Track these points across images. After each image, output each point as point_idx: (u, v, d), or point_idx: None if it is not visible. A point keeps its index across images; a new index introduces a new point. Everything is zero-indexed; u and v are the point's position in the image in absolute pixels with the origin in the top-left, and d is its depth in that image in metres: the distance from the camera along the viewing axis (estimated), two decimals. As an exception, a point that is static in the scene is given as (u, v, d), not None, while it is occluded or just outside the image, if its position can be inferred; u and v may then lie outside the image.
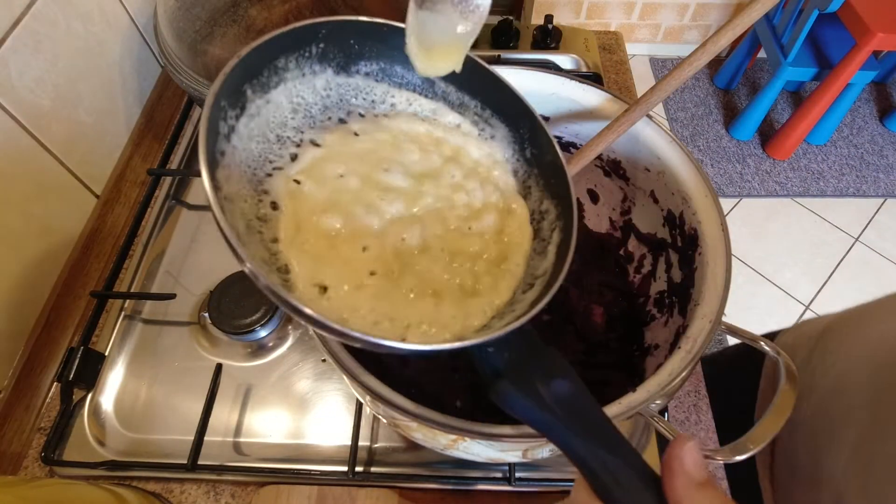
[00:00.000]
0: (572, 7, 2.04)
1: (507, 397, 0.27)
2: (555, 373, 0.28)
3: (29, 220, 0.54)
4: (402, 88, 0.35)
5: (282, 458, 0.48)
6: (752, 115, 1.85)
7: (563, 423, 0.26)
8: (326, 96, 0.33)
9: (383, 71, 0.34)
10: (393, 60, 0.34)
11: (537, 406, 0.27)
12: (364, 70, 0.34)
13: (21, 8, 0.51)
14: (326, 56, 0.32)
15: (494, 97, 0.36)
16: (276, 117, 0.31)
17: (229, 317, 0.52)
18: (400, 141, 0.34)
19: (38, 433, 0.50)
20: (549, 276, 0.32)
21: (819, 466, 0.41)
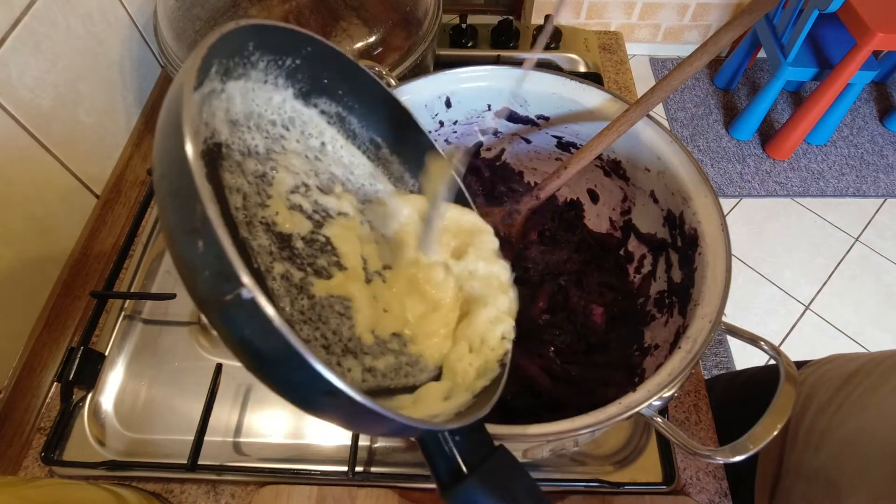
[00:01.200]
0: (572, 7, 2.04)
1: (474, 497, 0.25)
2: (518, 469, 0.27)
3: (29, 220, 0.54)
4: (348, 140, 0.35)
5: (282, 458, 0.48)
6: (752, 115, 1.85)
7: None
8: (277, 113, 0.31)
9: (339, 116, 0.34)
10: (352, 111, 0.34)
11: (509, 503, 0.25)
12: (322, 107, 0.33)
13: (21, 8, 0.51)
14: (295, 75, 0.31)
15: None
16: (219, 109, 0.28)
17: (229, 317, 0.52)
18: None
19: (38, 433, 0.50)
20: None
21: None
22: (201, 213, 0.17)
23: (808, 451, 0.45)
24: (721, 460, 0.32)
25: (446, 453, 0.26)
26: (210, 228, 0.17)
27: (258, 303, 0.17)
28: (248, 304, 0.17)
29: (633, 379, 0.44)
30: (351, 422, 0.22)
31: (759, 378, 0.59)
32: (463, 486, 0.25)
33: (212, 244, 0.17)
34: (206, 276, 0.18)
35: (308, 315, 0.28)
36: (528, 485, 0.26)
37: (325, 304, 0.29)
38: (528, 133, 0.51)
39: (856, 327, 1.52)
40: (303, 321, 0.28)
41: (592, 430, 0.31)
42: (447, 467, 0.26)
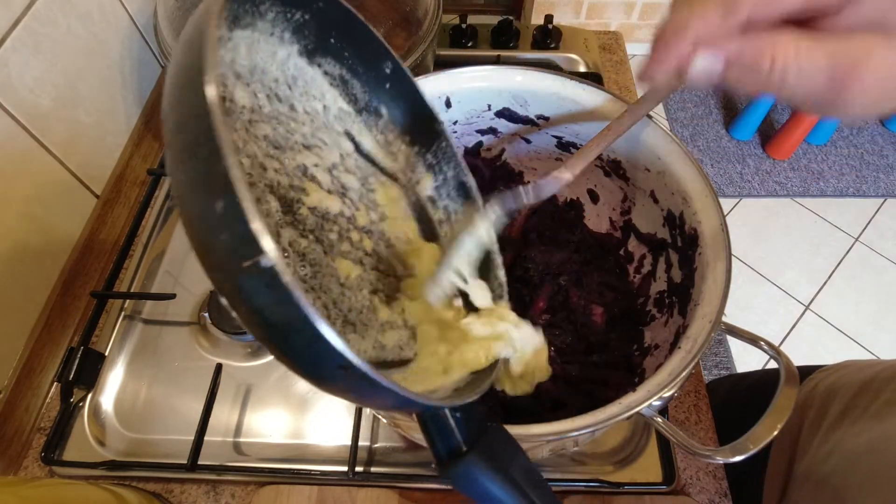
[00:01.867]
0: (572, 7, 2.04)
1: (472, 474, 0.25)
2: (513, 447, 0.27)
3: (29, 220, 0.54)
4: (349, 105, 0.34)
5: (282, 458, 0.48)
6: (752, 115, 1.85)
7: (526, 500, 0.25)
8: (281, 69, 0.30)
9: (343, 79, 0.33)
10: (357, 76, 0.33)
11: (507, 484, 0.25)
12: (326, 68, 0.32)
13: (21, 8, 0.51)
14: (302, 31, 0.29)
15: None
16: (224, 59, 0.27)
17: (229, 317, 0.52)
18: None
19: (38, 433, 0.50)
20: None
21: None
22: (223, 172, 0.16)
23: (818, 459, 0.44)
24: (721, 460, 0.32)
25: (446, 430, 0.26)
26: (232, 188, 0.16)
27: (278, 271, 0.16)
28: (266, 273, 0.16)
29: (633, 379, 0.44)
30: (355, 395, 0.22)
31: (766, 381, 0.59)
32: (462, 463, 0.25)
33: (233, 206, 0.16)
34: (223, 239, 0.17)
35: (310, 283, 0.28)
36: (524, 463, 0.27)
37: (329, 273, 0.29)
38: (528, 133, 0.51)
39: (856, 327, 1.52)
40: (307, 289, 0.27)
41: (592, 430, 0.31)
42: (446, 444, 0.26)
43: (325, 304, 0.28)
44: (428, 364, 0.30)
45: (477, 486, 0.25)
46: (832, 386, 0.49)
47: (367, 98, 0.34)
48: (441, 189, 0.38)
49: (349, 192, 0.33)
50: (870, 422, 0.42)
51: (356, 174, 0.34)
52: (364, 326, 0.30)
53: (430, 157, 0.37)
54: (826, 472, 0.42)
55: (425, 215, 0.37)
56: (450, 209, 0.38)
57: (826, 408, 0.47)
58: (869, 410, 0.43)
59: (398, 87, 0.34)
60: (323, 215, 0.31)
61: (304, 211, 0.29)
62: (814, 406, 0.49)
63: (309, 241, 0.29)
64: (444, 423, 0.26)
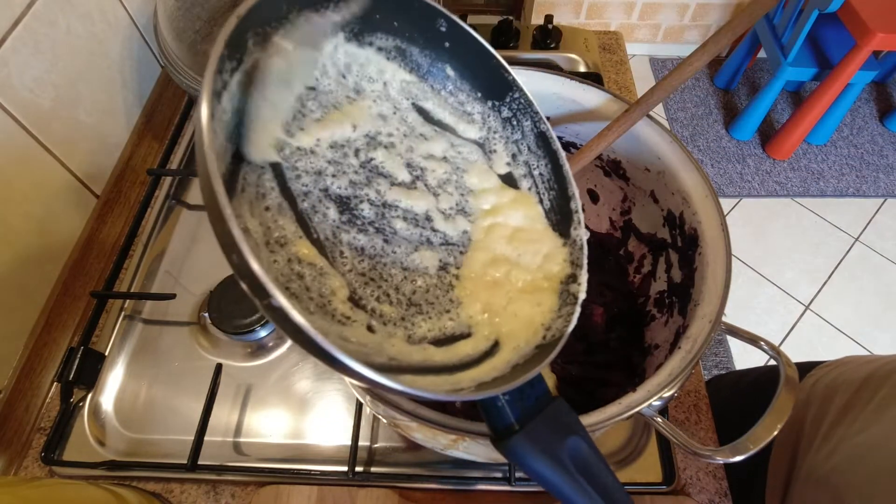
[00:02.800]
0: (572, 7, 2.04)
1: (520, 453, 0.26)
2: (570, 429, 0.27)
3: (29, 220, 0.54)
4: (412, 73, 0.33)
5: (282, 458, 0.48)
6: (752, 115, 1.85)
7: (576, 486, 0.25)
8: (331, 62, 0.30)
9: (399, 50, 0.32)
10: (413, 42, 0.32)
11: (553, 464, 0.26)
12: (378, 44, 0.31)
13: (21, 8, 0.51)
14: (339, 7, 0.28)
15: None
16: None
17: (229, 317, 0.52)
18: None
19: (38, 433, 0.50)
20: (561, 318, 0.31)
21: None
22: (229, 234, 0.19)
23: (820, 457, 0.44)
24: (721, 460, 0.32)
25: (497, 409, 0.26)
26: (239, 250, 0.18)
27: (288, 313, 0.19)
28: (280, 311, 0.19)
29: (633, 379, 0.44)
30: (392, 395, 0.24)
31: (767, 378, 0.59)
32: (511, 442, 0.25)
33: (242, 263, 0.19)
34: (246, 283, 0.19)
35: (369, 276, 0.29)
36: (576, 446, 0.27)
37: (389, 261, 0.30)
38: (528, 133, 0.51)
39: (856, 327, 1.52)
40: (364, 283, 0.28)
41: (592, 431, 0.31)
42: (499, 421, 0.26)
43: (385, 291, 0.29)
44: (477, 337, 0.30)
45: (524, 464, 0.26)
46: (833, 382, 0.49)
47: (429, 62, 0.33)
48: (521, 143, 0.36)
49: (425, 174, 0.33)
50: (870, 417, 0.42)
51: (428, 151, 0.33)
52: (430, 304, 0.30)
53: (506, 109, 0.35)
54: (827, 470, 0.42)
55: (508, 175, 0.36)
56: (531, 164, 0.36)
57: (827, 405, 0.47)
58: (869, 406, 0.43)
59: (458, 42, 0.33)
60: (385, 204, 0.31)
61: (366, 207, 0.30)
62: (815, 403, 0.49)
63: (369, 235, 0.29)
64: (494, 404, 0.26)
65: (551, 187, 0.36)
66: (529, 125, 0.36)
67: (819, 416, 0.47)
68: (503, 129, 0.36)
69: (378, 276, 0.29)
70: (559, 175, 0.36)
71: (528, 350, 0.30)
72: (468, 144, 0.35)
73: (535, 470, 0.26)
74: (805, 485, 0.44)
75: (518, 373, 0.27)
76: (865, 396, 0.44)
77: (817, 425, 0.47)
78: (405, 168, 0.32)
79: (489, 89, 0.35)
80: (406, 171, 0.32)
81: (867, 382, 0.45)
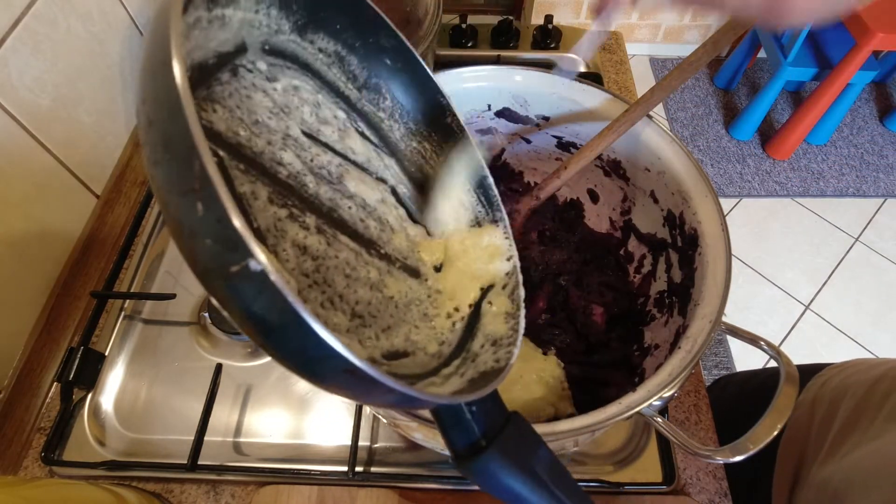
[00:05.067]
0: (572, 7, 2.04)
1: (492, 471, 0.24)
2: (537, 439, 0.26)
3: (29, 220, 0.54)
4: (348, 82, 0.32)
5: (282, 458, 0.48)
6: (752, 115, 1.85)
7: (552, 497, 0.24)
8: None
9: (338, 56, 0.31)
10: (353, 51, 0.31)
11: (530, 479, 0.24)
12: (319, 44, 0.30)
13: (21, 8, 0.51)
14: (290, 6, 0.27)
15: None
16: (207, 41, 0.25)
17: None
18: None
19: (38, 433, 0.50)
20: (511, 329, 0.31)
21: None
22: (200, 171, 0.15)
23: (830, 464, 0.43)
24: (721, 460, 0.32)
25: (463, 424, 0.24)
26: (211, 189, 0.15)
27: (270, 277, 0.15)
28: (257, 277, 0.15)
29: (633, 379, 0.44)
30: (357, 393, 0.21)
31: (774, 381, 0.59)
32: (482, 459, 0.24)
33: (214, 208, 0.15)
34: (208, 244, 0.16)
35: (313, 278, 0.27)
36: (546, 456, 0.26)
37: (333, 265, 0.28)
38: (527, 133, 0.51)
39: (856, 327, 1.52)
40: (310, 284, 0.26)
41: (592, 431, 0.31)
42: (464, 439, 0.25)
43: (329, 297, 0.27)
44: (428, 344, 0.30)
45: (498, 482, 0.24)
46: (841, 385, 0.49)
47: (365, 75, 0.32)
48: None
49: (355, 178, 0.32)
50: (881, 426, 0.41)
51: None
52: (373, 318, 0.29)
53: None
54: (837, 480, 0.42)
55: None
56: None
57: (836, 408, 0.47)
58: (880, 413, 0.42)
59: (397, 57, 0.33)
60: (324, 202, 0.30)
61: (307, 195, 0.29)
62: (823, 405, 0.49)
63: (310, 232, 0.28)
64: (460, 416, 0.24)
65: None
66: None
67: (827, 420, 0.47)
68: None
69: (322, 280, 0.28)
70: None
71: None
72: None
73: (509, 489, 0.24)
74: (810, 491, 0.44)
75: (478, 385, 0.25)
76: (875, 402, 0.44)
77: (826, 429, 0.46)
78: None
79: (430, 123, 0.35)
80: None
81: (876, 386, 0.45)
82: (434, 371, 0.29)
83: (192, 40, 0.23)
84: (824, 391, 0.50)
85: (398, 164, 0.36)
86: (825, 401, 0.49)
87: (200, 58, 0.24)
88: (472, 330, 0.32)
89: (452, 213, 0.36)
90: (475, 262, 0.35)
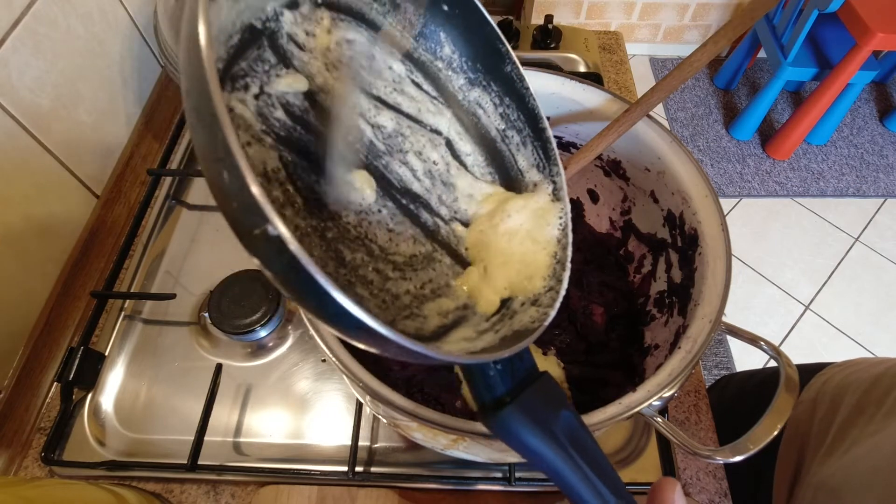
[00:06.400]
0: (572, 7, 2.04)
1: (513, 426, 0.24)
2: (561, 402, 0.26)
3: (29, 220, 0.54)
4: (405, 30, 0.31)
5: (282, 458, 0.48)
6: (752, 115, 1.85)
7: (569, 460, 0.25)
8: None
9: (394, 4, 0.30)
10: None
11: (548, 439, 0.25)
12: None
13: (21, 8, 0.51)
14: None
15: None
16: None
17: (229, 317, 0.52)
18: None
19: (38, 433, 0.50)
20: (551, 290, 0.31)
21: None
22: (223, 142, 0.16)
23: (830, 463, 0.43)
24: (721, 460, 0.32)
25: (487, 380, 0.25)
26: (233, 160, 0.16)
27: (285, 240, 0.16)
28: (275, 241, 0.17)
29: (633, 379, 0.44)
30: (391, 352, 0.22)
31: (774, 380, 0.59)
32: (501, 414, 0.24)
33: (236, 177, 0.16)
34: (235, 206, 0.17)
35: (351, 235, 0.28)
36: (569, 419, 0.26)
37: (376, 221, 0.29)
38: (528, 133, 0.51)
39: (856, 327, 1.52)
40: (346, 241, 0.27)
41: (593, 431, 0.31)
42: (488, 393, 0.25)
43: (370, 252, 0.28)
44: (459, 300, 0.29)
45: (516, 437, 0.24)
46: (842, 383, 0.49)
47: (423, 22, 0.31)
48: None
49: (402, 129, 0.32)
50: (880, 424, 0.41)
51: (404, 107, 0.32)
52: (414, 271, 0.29)
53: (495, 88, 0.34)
54: (837, 479, 0.42)
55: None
56: (509, 115, 0.35)
57: (836, 406, 0.47)
58: (880, 411, 0.42)
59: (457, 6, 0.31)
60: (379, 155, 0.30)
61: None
62: (824, 404, 0.49)
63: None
64: (484, 373, 0.25)
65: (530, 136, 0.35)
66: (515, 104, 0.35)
67: (828, 418, 0.47)
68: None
69: (363, 235, 0.28)
70: (530, 116, 0.35)
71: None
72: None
73: (528, 445, 0.24)
74: (810, 490, 0.44)
75: (508, 344, 0.26)
76: (875, 399, 0.44)
77: (826, 427, 0.46)
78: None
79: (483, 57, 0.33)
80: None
81: (877, 384, 0.45)
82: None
83: (240, 1, 0.24)
84: (825, 390, 0.50)
85: (455, 117, 0.35)
86: (826, 399, 0.49)
87: (249, 19, 0.25)
88: None
89: (510, 168, 0.36)
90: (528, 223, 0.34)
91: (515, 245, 0.32)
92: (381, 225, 0.29)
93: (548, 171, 0.35)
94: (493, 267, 0.32)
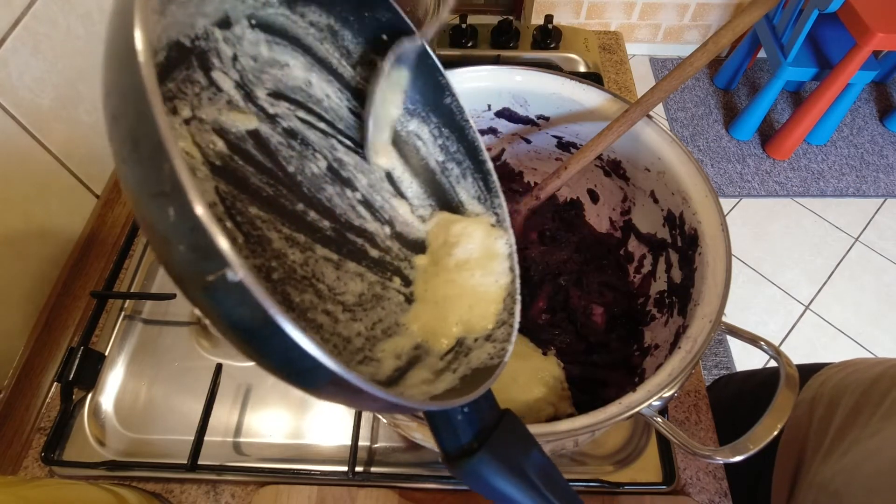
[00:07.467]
0: (572, 7, 2.04)
1: (485, 474, 0.23)
2: (529, 441, 0.25)
3: (29, 221, 0.54)
4: (342, 59, 0.30)
5: (282, 458, 0.48)
6: (752, 115, 1.85)
7: (544, 500, 0.24)
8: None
9: (331, 30, 0.29)
10: (346, 24, 0.29)
11: (521, 482, 0.24)
12: (311, 17, 0.28)
13: (21, 8, 0.51)
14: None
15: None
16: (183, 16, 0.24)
17: (229, 317, 0.52)
18: None
19: (38, 433, 0.50)
20: (504, 324, 0.30)
21: None
22: (170, 174, 0.13)
23: (829, 463, 0.43)
24: (721, 460, 0.32)
25: (453, 426, 0.24)
26: (182, 195, 0.13)
27: (248, 288, 0.14)
28: (234, 288, 0.14)
29: (633, 379, 0.44)
30: (354, 403, 0.21)
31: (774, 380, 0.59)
32: (472, 461, 0.23)
33: (186, 214, 0.13)
34: (182, 250, 0.14)
35: (302, 272, 0.26)
36: (539, 459, 0.25)
37: (321, 256, 0.28)
38: (528, 133, 0.51)
39: (856, 327, 1.52)
40: (293, 280, 0.26)
41: (592, 431, 0.31)
42: (454, 440, 0.24)
43: (318, 293, 0.26)
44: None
45: (488, 484, 0.23)
46: (841, 383, 0.49)
47: (359, 49, 0.30)
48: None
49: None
50: (879, 423, 0.41)
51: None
52: (364, 311, 0.29)
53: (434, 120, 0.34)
54: (837, 482, 0.42)
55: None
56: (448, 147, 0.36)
57: (835, 407, 0.47)
58: (878, 411, 0.42)
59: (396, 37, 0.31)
60: (310, 189, 0.29)
61: (295, 183, 0.28)
62: (822, 404, 0.49)
63: (299, 215, 0.28)
64: (451, 419, 0.24)
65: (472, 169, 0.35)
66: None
67: (826, 418, 0.47)
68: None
69: (311, 274, 0.27)
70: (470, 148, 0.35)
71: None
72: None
73: (502, 491, 0.23)
74: (811, 491, 0.44)
75: (470, 384, 0.25)
76: (874, 400, 0.44)
77: (825, 427, 0.46)
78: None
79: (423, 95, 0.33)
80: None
81: (875, 385, 0.45)
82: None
83: (167, 16, 0.22)
84: (823, 390, 0.50)
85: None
86: (824, 400, 0.49)
87: (176, 35, 0.23)
88: None
89: (451, 199, 0.36)
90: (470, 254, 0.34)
91: (466, 278, 0.32)
92: (329, 262, 0.28)
93: (489, 203, 0.35)
94: (444, 302, 0.31)
